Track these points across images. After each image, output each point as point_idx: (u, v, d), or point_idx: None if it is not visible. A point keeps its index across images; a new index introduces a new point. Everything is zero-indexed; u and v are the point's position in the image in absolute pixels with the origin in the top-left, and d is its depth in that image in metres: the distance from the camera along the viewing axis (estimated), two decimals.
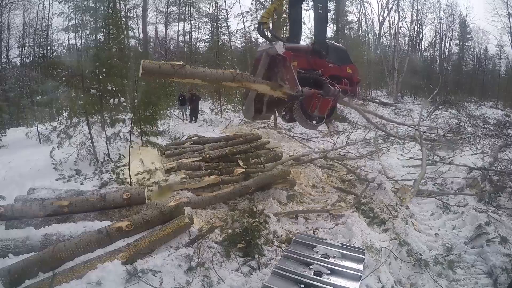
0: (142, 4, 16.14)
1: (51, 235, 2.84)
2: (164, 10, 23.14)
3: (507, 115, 17.48)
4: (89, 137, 5.97)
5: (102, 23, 9.59)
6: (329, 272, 2.16)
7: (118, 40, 8.54)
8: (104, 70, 5.89)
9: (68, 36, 18.22)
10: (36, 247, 2.72)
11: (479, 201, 4.42)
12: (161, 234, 2.87)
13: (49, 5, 19.72)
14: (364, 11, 27.66)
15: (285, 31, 13.11)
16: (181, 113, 13.71)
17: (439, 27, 27.21)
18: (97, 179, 5.04)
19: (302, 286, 2.03)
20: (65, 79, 5.90)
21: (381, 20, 26.30)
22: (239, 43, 24.86)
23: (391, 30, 26.16)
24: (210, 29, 24.00)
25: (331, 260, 2.32)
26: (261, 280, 2.54)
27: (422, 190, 4.69)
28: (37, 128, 8.56)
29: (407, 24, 26.94)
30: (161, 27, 23.26)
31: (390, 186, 4.93)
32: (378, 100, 20.94)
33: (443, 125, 10.99)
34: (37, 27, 20.27)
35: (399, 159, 7.14)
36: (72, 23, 9.94)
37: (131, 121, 5.81)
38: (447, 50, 28.79)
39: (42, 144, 7.83)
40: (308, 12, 17.57)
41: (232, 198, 4.36)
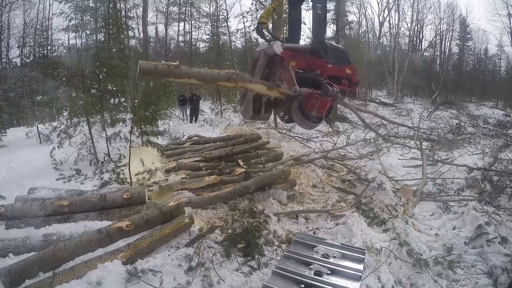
0: (142, 4, 16.18)
1: (52, 235, 2.85)
2: (164, 10, 23.23)
3: (507, 115, 17.49)
4: (90, 137, 5.97)
5: (102, 23, 9.61)
6: (329, 272, 2.17)
7: (118, 40, 8.55)
8: (105, 70, 5.90)
9: (69, 36, 18.30)
10: (37, 247, 2.72)
11: (479, 202, 4.42)
12: (161, 234, 2.87)
13: (49, 5, 19.81)
14: (364, 11, 27.76)
15: (285, 31, 13.10)
16: (181, 113, 13.72)
17: (439, 27, 27.31)
18: (98, 179, 5.04)
19: (302, 286, 2.04)
20: (66, 79, 5.90)
21: (381, 20, 26.38)
22: (239, 43, 24.97)
23: (391, 30, 26.22)
24: (210, 29, 24.09)
25: (331, 260, 2.32)
26: (261, 280, 2.54)
27: (424, 195, 4.58)
28: (38, 128, 8.57)
29: (407, 24, 27.06)
30: (161, 27, 23.37)
31: (390, 186, 4.93)
32: (379, 100, 20.97)
33: (443, 125, 10.98)
34: (38, 27, 20.32)
35: (399, 159, 7.14)
36: (72, 23, 9.99)
37: (132, 121, 5.81)
38: (447, 50, 28.89)
39: (43, 144, 7.85)
40: (308, 12, 17.52)
41: (232, 198, 4.36)
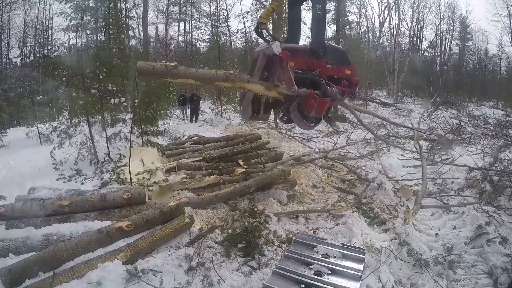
0: (143, 4, 16.21)
1: (52, 235, 2.85)
2: (165, 10, 23.25)
3: (508, 115, 17.48)
4: (90, 137, 5.98)
5: (103, 23, 9.60)
6: (330, 272, 2.17)
7: (119, 40, 8.55)
8: (105, 70, 5.90)
9: (69, 36, 18.29)
10: (37, 247, 2.72)
11: (480, 202, 4.42)
12: (162, 234, 2.87)
13: (50, 5, 19.85)
14: (365, 11, 27.74)
15: (285, 31, 13.09)
16: (182, 113, 13.72)
17: (440, 27, 27.33)
18: (98, 179, 5.04)
19: (303, 286, 2.04)
20: (66, 79, 5.91)
21: (382, 20, 26.40)
22: (240, 43, 25.00)
23: (392, 30, 26.25)
24: (211, 29, 24.10)
25: (332, 260, 2.32)
26: (262, 280, 2.54)
27: (425, 203, 4.34)
28: (38, 128, 8.58)
29: (408, 24, 27.09)
30: (162, 27, 23.39)
31: (391, 186, 4.93)
32: (379, 100, 20.98)
33: (444, 125, 10.97)
34: (38, 27, 20.36)
35: (400, 159, 7.14)
36: (73, 23, 9.98)
37: (132, 121, 5.81)
38: (448, 50, 28.90)
39: (43, 144, 7.85)
40: (308, 12, 17.51)
41: (233, 198, 4.36)
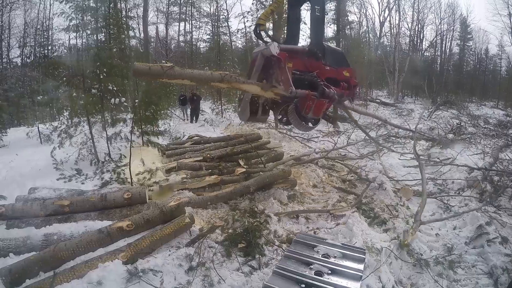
0: (143, 4, 16.22)
1: (52, 235, 2.85)
2: (165, 10, 23.26)
3: (508, 115, 17.46)
4: (90, 137, 5.98)
5: (103, 23, 9.61)
6: (330, 272, 2.17)
7: (119, 40, 8.57)
8: (105, 70, 5.91)
9: (69, 36, 18.30)
10: (37, 247, 2.73)
11: (480, 202, 4.41)
12: (162, 234, 2.87)
13: (50, 5, 19.84)
14: (365, 11, 27.73)
15: (285, 32, 13.09)
16: (182, 113, 13.72)
17: (440, 27, 27.32)
18: (98, 179, 5.05)
19: (303, 286, 2.04)
20: (66, 79, 5.92)
21: (382, 20, 26.38)
22: (240, 43, 25.02)
23: (392, 30, 26.24)
24: (211, 29, 24.13)
25: (332, 260, 2.32)
26: (262, 280, 2.54)
27: (425, 221, 3.82)
28: (38, 128, 8.59)
29: (408, 24, 27.08)
30: (162, 27, 23.40)
31: (391, 186, 4.92)
32: (379, 100, 20.96)
33: (444, 125, 10.96)
34: (38, 27, 20.35)
35: (400, 159, 7.13)
36: (73, 23, 9.98)
37: (132, 121, 5.81)
38: (448, 50, 28.90)
39: (43, 144, 7.86)
40: (308, 13, 17.52)
41: (233, 198, 4.36)
